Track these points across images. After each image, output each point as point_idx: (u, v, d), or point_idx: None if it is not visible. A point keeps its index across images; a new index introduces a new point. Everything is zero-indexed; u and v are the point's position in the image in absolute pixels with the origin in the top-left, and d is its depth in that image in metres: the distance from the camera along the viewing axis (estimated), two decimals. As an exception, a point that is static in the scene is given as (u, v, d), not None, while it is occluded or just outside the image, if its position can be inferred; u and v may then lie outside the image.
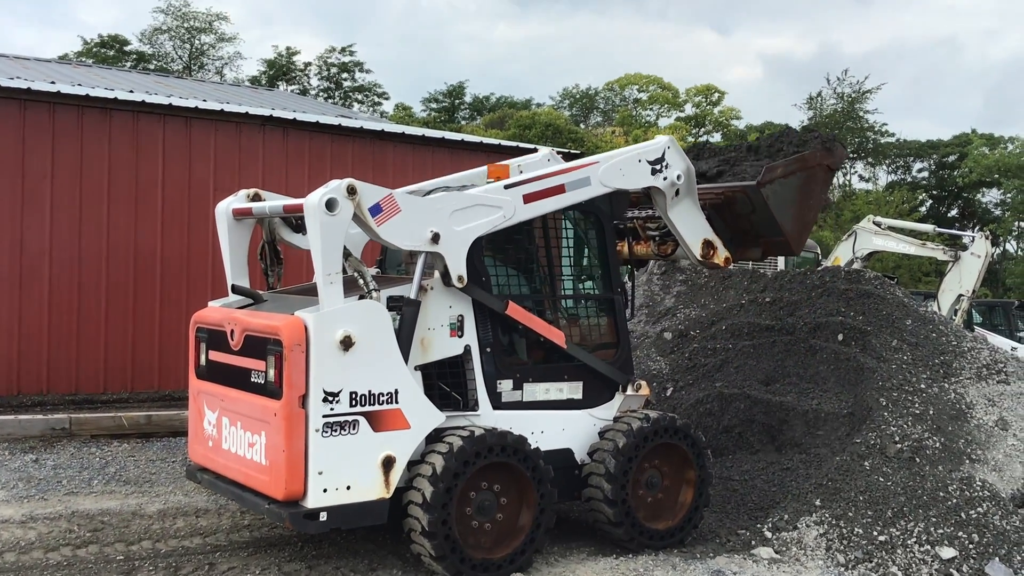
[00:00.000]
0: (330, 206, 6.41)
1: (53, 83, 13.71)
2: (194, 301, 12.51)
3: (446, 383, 7.13)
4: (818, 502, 8.02)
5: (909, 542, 7.53)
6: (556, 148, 17.71)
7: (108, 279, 12.76)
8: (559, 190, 7.57)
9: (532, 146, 16.28)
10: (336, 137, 14.42)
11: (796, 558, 7.50)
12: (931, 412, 9.08)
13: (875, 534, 7.60)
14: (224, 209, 7.80)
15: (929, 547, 7.50)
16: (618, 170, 7.93)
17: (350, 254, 6.78)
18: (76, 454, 10.49)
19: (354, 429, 6.44)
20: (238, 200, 7.83)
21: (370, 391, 6.50)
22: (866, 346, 10.16)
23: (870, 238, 18.82)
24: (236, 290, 7.67)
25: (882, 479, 8.16)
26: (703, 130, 59.04)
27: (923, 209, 56.64)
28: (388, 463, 6.55)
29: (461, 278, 7.00)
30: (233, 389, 7.02)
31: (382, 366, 6.56)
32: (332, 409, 6.36)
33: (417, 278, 6.88)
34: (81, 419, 11.48)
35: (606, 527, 7.53)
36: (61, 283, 12.49)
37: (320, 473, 6.33)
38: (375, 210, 6.62)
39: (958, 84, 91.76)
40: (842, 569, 7.33)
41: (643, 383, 7.94)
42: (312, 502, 6.32)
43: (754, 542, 7.75)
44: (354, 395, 6.44)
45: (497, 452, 6.85)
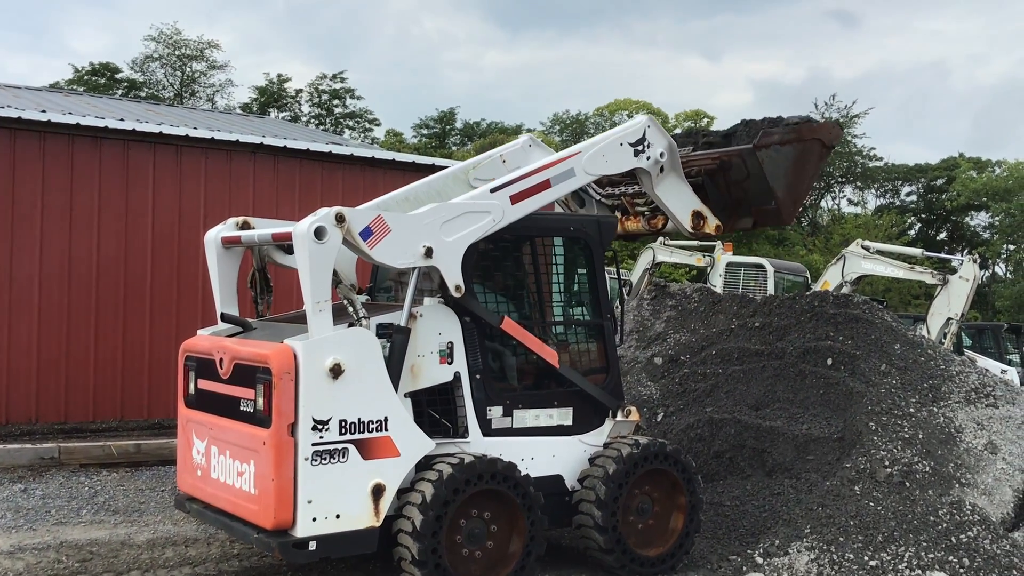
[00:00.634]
0: (319, 234, 6.43)
1: (44, 112, 13.73)
2: (184, 329, 12.47)
3: (436, 410, 7.13)
4: (808, 528, 8.01)
5: (900, 567, 7.53)
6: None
7: (98, 307, 12.73)
8: (545, 186, 7.58)
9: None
10: (326, 164, 14.45)
11: (787, 584, 7.49)
12: (920, 436, 9.10)
13: (866, 559, 7.60)
14: (213, 237, 7.81)
15: (920, 572, 7.50)
16: (601, 156, 7.95)
17: (340, 281, 6.79)
18: (65, 484, 10.43)
19: (343, 457, 6.43)
20: (227, 228, 7.84)
21: (359, 419, 6.49)
22: (855, 370, 10.19)
23: (859, 262, 18.91)
24: (225, 318, 7.68)
25: (872, 504, 8.16)
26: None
27: (912, 233, 56.97)
28: (378, 491, 6.54)
29: (459, 287, 7.01)
30: (222, 418, 7.00)
31: (371, 394, 6.56)
32: (321, 437, 6.35)
33: (407, 304, 6.90)
34: (70, 448, 11.42)
35: (597, 554, 7.51)
36: (50, 311, 12.45)
37: (309, 502, 6.31)
38: (366, 233, 6.64)
39: (946, 108, 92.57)
40: (833, 594, 7.31)
41: (633, 409, 7.95)
42: (301, 531, 6.30)
43: (745, 568, 7.74)
44: (343, 423, 6.43)
45: (487, 479, 6.84)
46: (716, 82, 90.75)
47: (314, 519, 6.32)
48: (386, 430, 6.59)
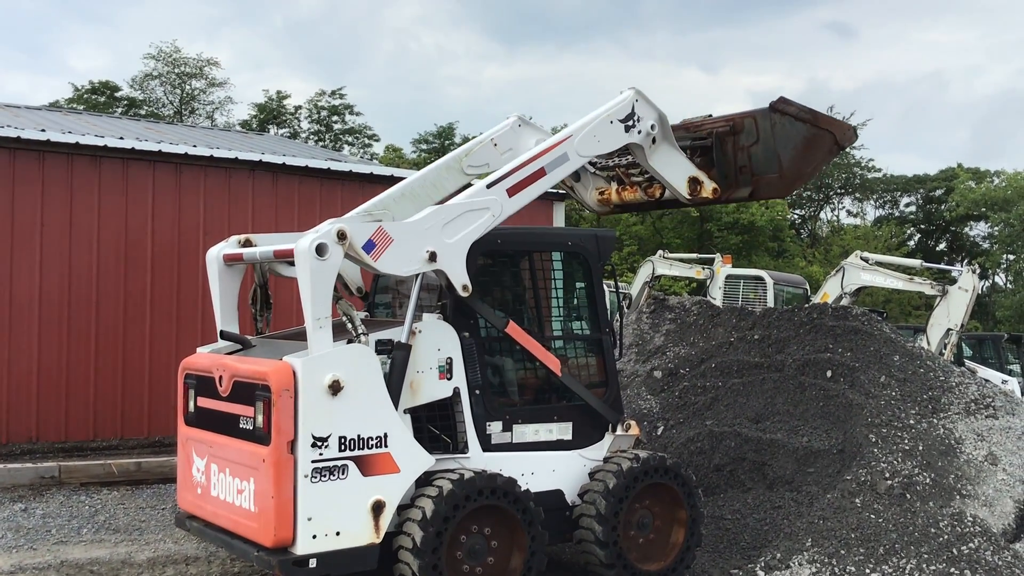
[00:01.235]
0: (320, 251, 6.45)
1: (43, 131, 13.77)
2: (184, 347, 12.47)
3: (435, 426, 7.14)
4: (810, 541, 8.00)
5: (901, 579, 7.51)
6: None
7: (97, 325, 12.74)
8: (540, 174, 7.60)
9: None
10: (325, 181, 14.49)
11: (789, 597, 7.47)
12: (920, 448, 9.09)
13: (868, 572, 7.58)
14: (215, 255, 7.83)
15: (921, 584, 7.48)
16: (593, 137, 7.97)
17: (340, 297, 6.80)
18: (65, 503, 10.42)
19: (343, 474, 6.43)
20: (229, 246, 7.86)
21: (359, 435, 6.50)
22: (855, 382, 10.20)
23: (858, 274, 18.96)
24: (224, 336, 7.69)
25: (873, 516, 8.15)
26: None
27: (911, 243, 57.03)
28: (378, 508, 6.54)
29: (466, 287, 7.04)
30: (222, 435, 7.00)
31: (371, 410, 6.56)
32: (321, 454, 6.35)
33: (409, 320, 6.91)
34: (70, 467, 11.41)
35: (598, 569, 7.50)
36: (50, 330, 12.46)
37: (309, 519, 6.31)
38: (369, 247, 6.67)
39: (944, 119, 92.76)
40: (835, 608, 7.30)
41: (633, 423, 7.95)
42: (301, 548, 6.29)
43: (747, 582, 7.72)
44: (343, 440, 6.43)
45: (487, 495, 6.84)
46: (715, 94, 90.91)
47: (314, 536, 6.32)
48: (386, 446, 6.59)
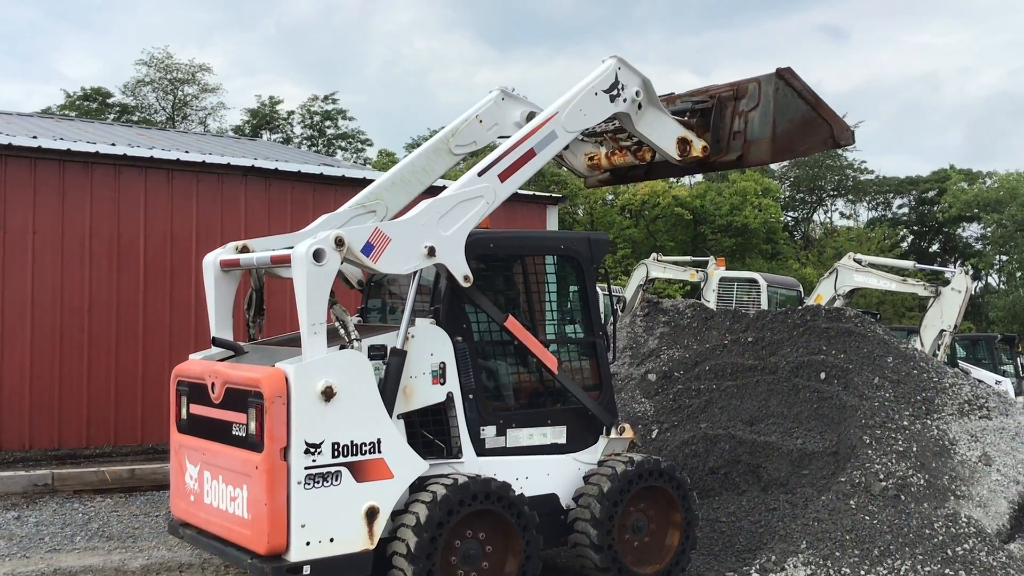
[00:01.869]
0: (317, 257, 6.44)
1: (35, 137, 13.74)
2: (177, 353, 12.44)
3: (429, 431, 7.12)
4: (805, 543, 8.00)
5: (896, 581, 7.52)
6: (537, 191, 17.80)
7: (90, 332, 12.70)
8: (530, 155, 7.60)
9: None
10: (318, 186, 14.47)
11: (784, 600, 7.47)
12: (914, 449, 9.10)
13: (862, 573, 7.58)
14: (212, 261, 7.81)
15: (916, 585, 7.49)
16: (579, 111, 7.96)
17: (335, 302, 6.78)
18: (59, 510, 10.38)
19: (337, 480, 6.41)
20: (226, 252, 7.85)
21: (352, 441, 6.48)
22: (848, 384, 10.20)
23: (851, 275, 18.98)
24: (217, 342, 7.66)
25: (868, 518, 8.16)
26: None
27: (904, 245, 57.13)
28: (372, 514, 6.52)
29: (467, 277, 7.06)
30: (214, 442, 6.98)
31: (364, 416, 6.55)
32: (314, 460, 6.33)
33: (404, 326, 6.89)
34: (63, 475, 11.37)
35: (593, 572, 7.48)
36: (43, 337, 12.42)
37: (303, 526, 6.28)
38: (367, 249, 6.67)
39: (936, 121, 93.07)
40: (830, 610, 7.30)
41: (627, 426, 7.94)
42: (295, 555, 6.27)
43: (742, 584, 7.72)
44: (336, 446, 6.41)
45: (481, 500, 6.82)
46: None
47: (308, 543, 6.30)
48: (379, 452, 6.57)
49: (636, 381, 12.26)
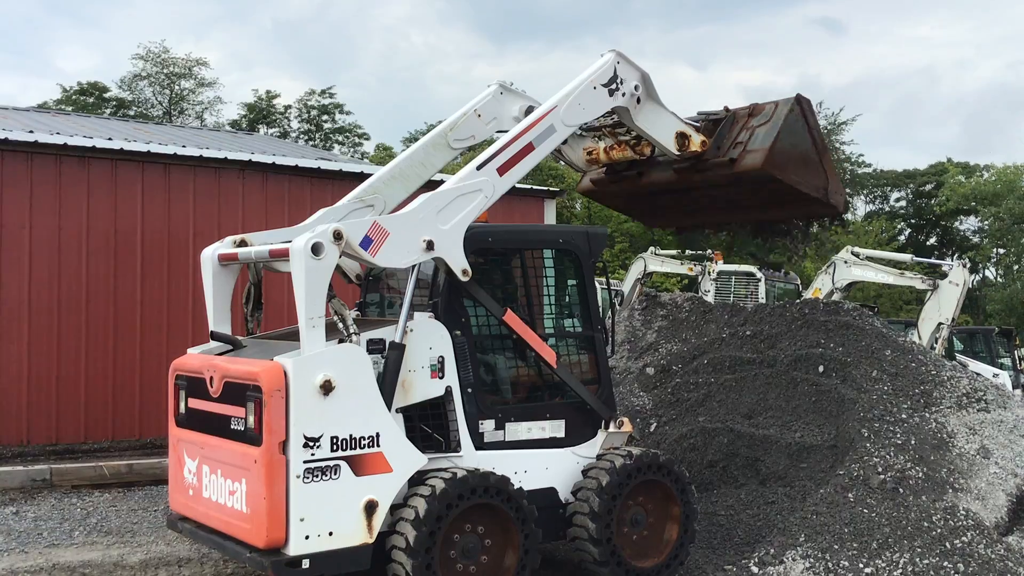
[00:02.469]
0: (316, 250, 6.43)
1: (31, 132, 13.70)
2: (175, 348, 12.40)
3: (428, 425, 7.11)
4: (803, 536, 8.01)
5: (895, 573, 7.53)
6: (535, 185, 17.80)
7: (87, 327, 12.68)
8: (528, 149, 7.61)
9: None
10: (316, 180, 14.44)
11: (783, 593, 7.48)
12: (913, 442, 9.11)
13: (861, 566, 7.59)
14: (210, 255, 7.79)
15: (915, 578, 7.50)
16: (578, 106, 7.96)
17: (333, 296, 6.77)
18: (57, 505, 10.37)
19: (335, 474, 6.41)
20: (224, 246, 7.83)
21: (351, 435, 6.47)
22: (847, 377, 10.21)
23: (849, 269, 19.01)
24: (215, 336, 7.65)
25: (866, 511, 8.16)
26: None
27: (902, 238, 57.16)
28: (371, 507, 6.52)
29: (466, 271, 7.06)
30: (213, 437, 6.97)
31: (363, 410, 6.54)
32: (313, 454, 6.33)
33: (403, 320, 6.88)
34: (62, 470, 11.36)
35: (592, 566, 7.50)
36: (40, 331, 12.39)
37: (302, 520, 6.28)
38: (366, 243, 6.67)
39: (934, 114, 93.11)
40: (829, 603, 7.31)
41: (625, 420, 7.94)
42: (294, 549, 6.27)
43: (740, 577, 7.73)
44: (335, 439, 6.41)
45: (480, 493, 6.82)
46: (705, 90, 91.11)
47: (307, 537, 6.29)
48: (378, 446, 6.57)
49: (634, 375, 12.26)
